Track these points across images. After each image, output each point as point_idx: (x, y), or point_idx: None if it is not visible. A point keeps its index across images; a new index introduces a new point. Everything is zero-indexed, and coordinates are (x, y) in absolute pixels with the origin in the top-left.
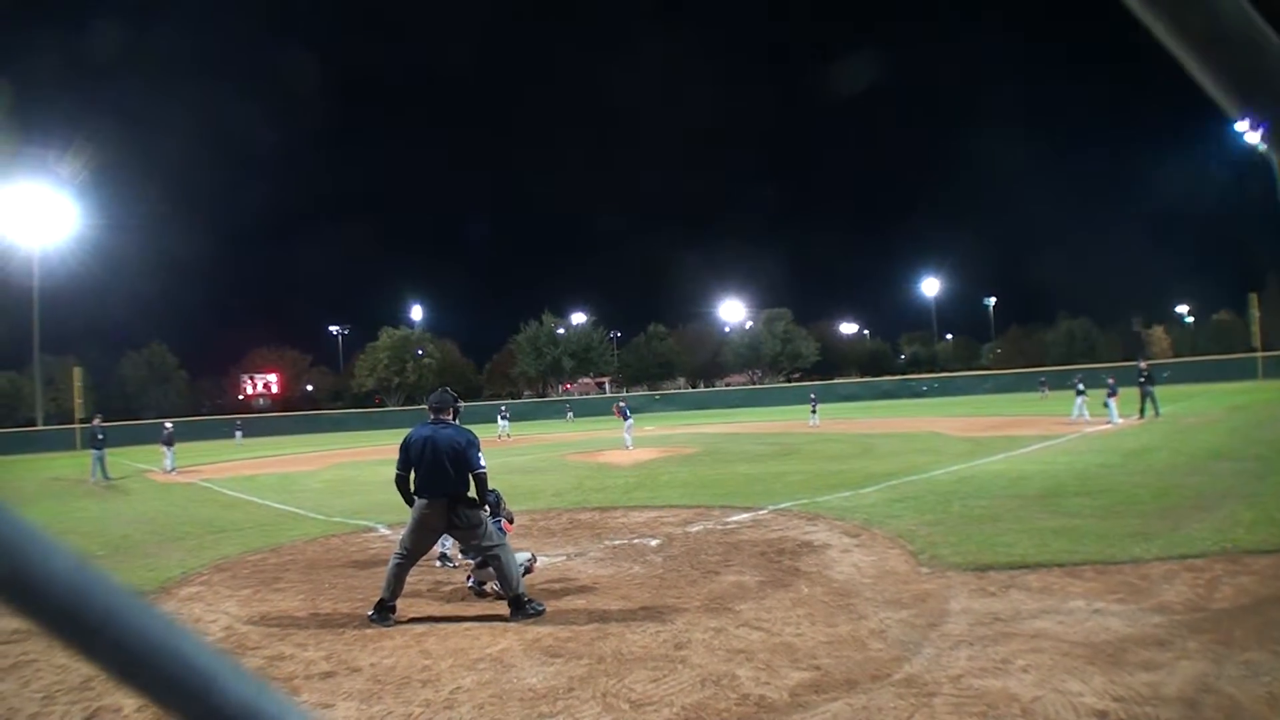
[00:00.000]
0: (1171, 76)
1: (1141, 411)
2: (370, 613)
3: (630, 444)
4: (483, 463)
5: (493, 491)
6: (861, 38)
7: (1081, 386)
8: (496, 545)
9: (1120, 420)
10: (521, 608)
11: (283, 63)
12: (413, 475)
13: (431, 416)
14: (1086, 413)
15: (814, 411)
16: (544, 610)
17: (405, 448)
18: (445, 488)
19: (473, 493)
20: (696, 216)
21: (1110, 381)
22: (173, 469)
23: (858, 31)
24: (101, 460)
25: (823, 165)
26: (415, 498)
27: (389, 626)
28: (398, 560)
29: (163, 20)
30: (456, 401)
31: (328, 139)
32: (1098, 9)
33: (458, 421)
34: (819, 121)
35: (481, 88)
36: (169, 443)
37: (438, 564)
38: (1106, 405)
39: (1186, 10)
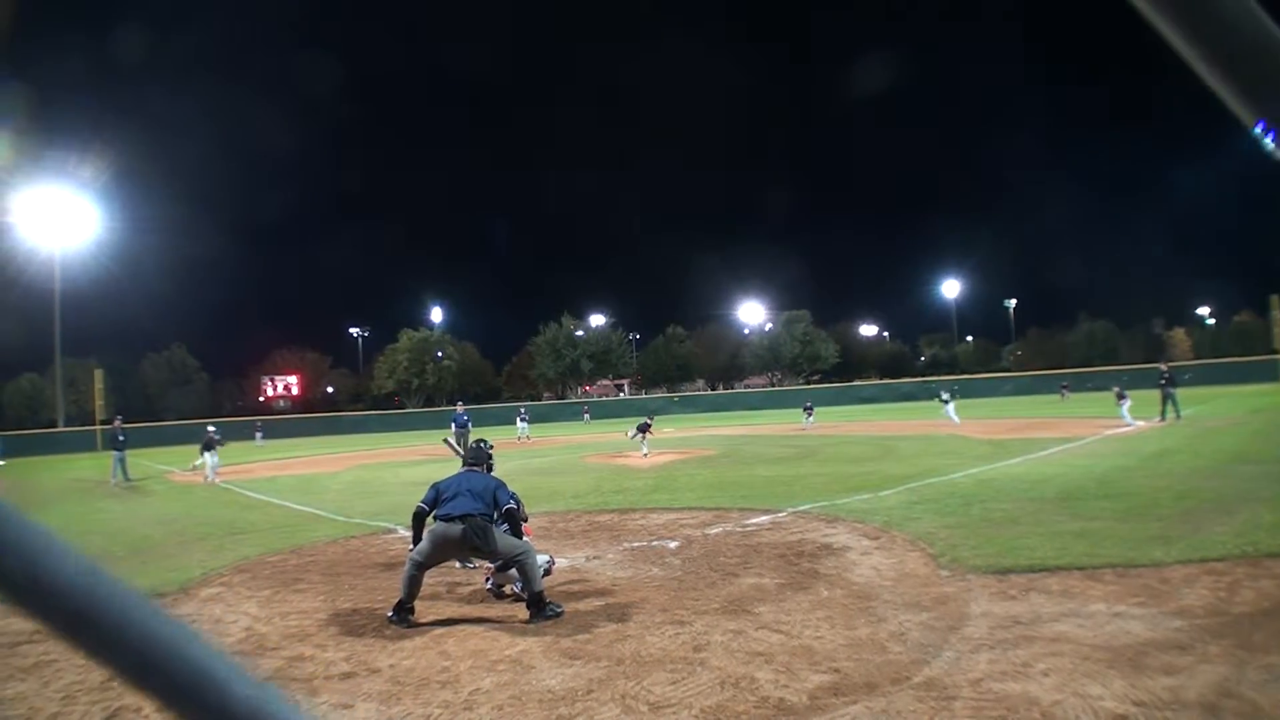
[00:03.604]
0: (1192, 77)
1: (1163, 414)
2: (389, 614)
3: (645, 451)
4: (512, 501)
5: (512, 495)
6: (881, 37)
7: (946, 396)
8: (521, 551)
9: (1137, 423)
10: (541, 608)
11: (304, 65)
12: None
13: (465, 466)
14: (955, 417)
15: (809, 415)
16: (563, 612)
17: (435, 486)
18: (461, 511)
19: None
20: (716, 218)
21: (1116, 388)
22: (212, 478)
23: (878, 31)
24: (122, 461)
25: (842, 166)
26: (436, 523)
27: (408, 628)
28: (413, 565)
29: (184, 24)
30: (490, 457)
31: (347, 141)
32: (1119, 8)
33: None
34: (839, 122)
35: (501, 89)
36: (209, 447)
37: (457, 564)
38: (1120, 409)
39: (1197, 15)
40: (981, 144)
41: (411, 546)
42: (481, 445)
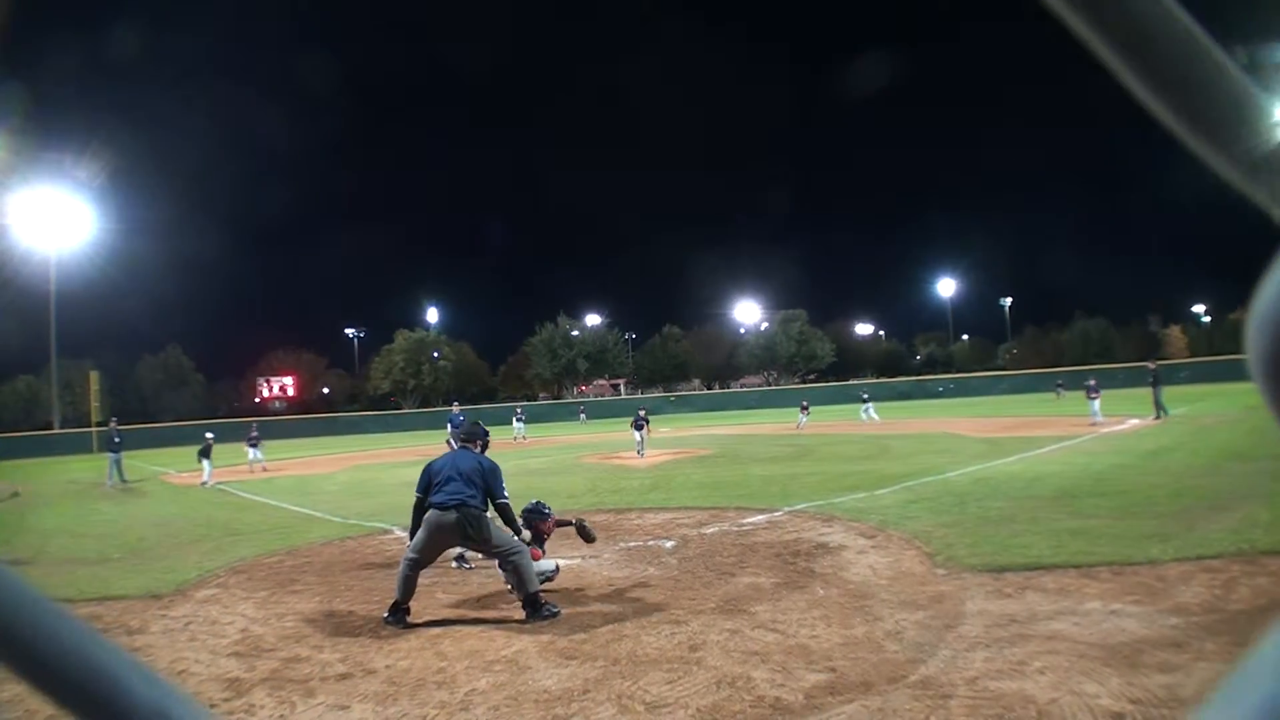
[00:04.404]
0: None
1: (1156, 413)
2: (385, 615)
3: (642, 450)
4: (505, 493)
5: (537, 504)
6: (876, 38)
7: (865, 396)
8: (513, 549)
9: (1102, 418)
10: (537, 609)
11: (299, 65)
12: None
13: (457, 444)
14: (876, 416)
15: (805, 413)
16: (559, 613)
17: (427, 470)
18: (459, 499)
19: (491, 513)
20: (711, 218)
21: (1091, 382)
22: (206, 480)
23: (873, 32)
24: (118, 463)
25: (838, 166)
26: (430, 510)
27: (404, 628)
28: (408, 563)
29: (179, 24)
30: (486, 435)
31: (344, 141)
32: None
33: (484, 452)
34: (834, 122)
35: (498, 89)
36: (207, 454)
37: (454, 565)
38: (1090, 406)
39: (1129, 32)
40: (976, 142)
41: (410, 539)
42: (478, 424)
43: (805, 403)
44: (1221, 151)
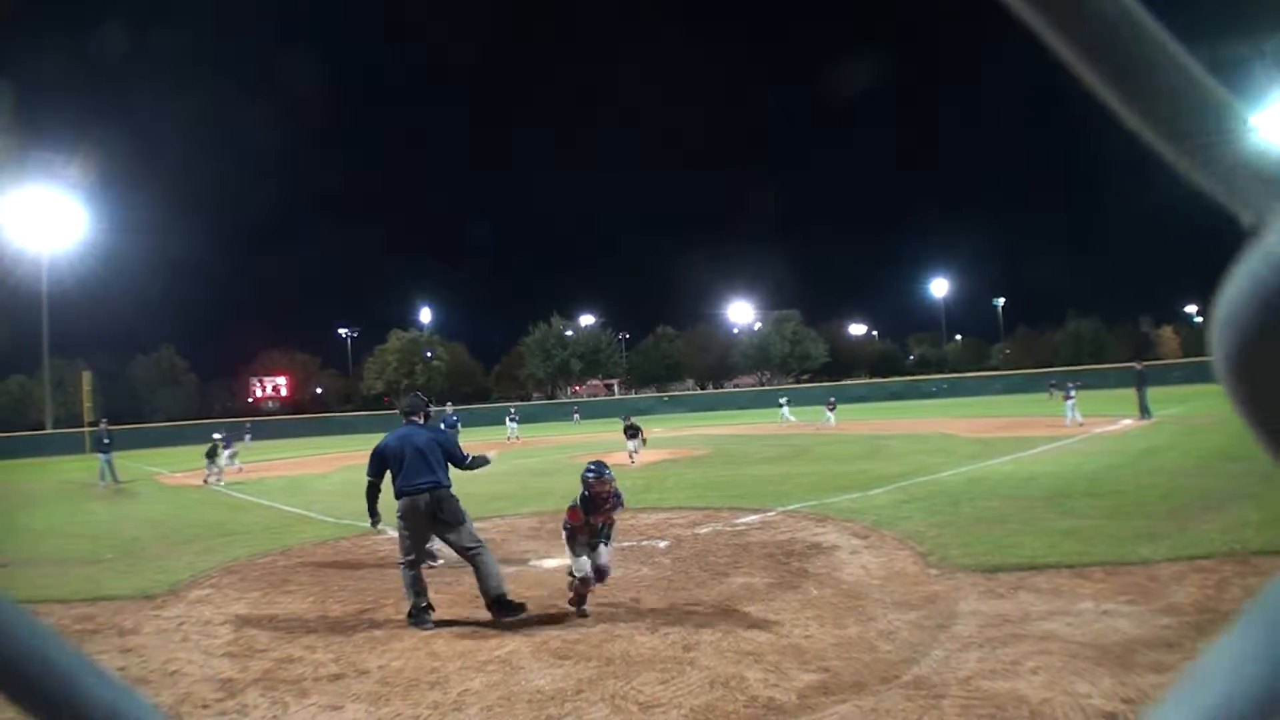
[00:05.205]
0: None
1: (1141, 413)
2: (409, 620)
3: (635, 452)
4: (465, 453)
5: (598, 464)
6: (868, 36)
7: (783, 401)
8: (477, 546)
9: (1082, 419)
10: (505, 607)
11: (290, 65)
12: (389, 479)
13: (404, 420)
14: (791, 417)
15: (831, 410)
16: (525, 607)
17: (380, 454)
18: (426, 481)
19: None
20: (705, 218)
21: (1070, 385)
22: (208, 479)
23: (864, 30)
24: (110, 463)
25: (831, 166)
26: (397, 499)
27: (431, 629)
28: (407, 567)
29: (169, 23)
30: (427, 405)
31: (336, 141)
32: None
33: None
34: (827, 122)
35: (490, 89)
36: (212, 455)
37: (429, 563)
38: (1065, 406)
39: (1102, 41)
40: (970, 143)
41: (370, 522)
42: (419, 395)
43: (833, 399)
44: (1192, 157)
